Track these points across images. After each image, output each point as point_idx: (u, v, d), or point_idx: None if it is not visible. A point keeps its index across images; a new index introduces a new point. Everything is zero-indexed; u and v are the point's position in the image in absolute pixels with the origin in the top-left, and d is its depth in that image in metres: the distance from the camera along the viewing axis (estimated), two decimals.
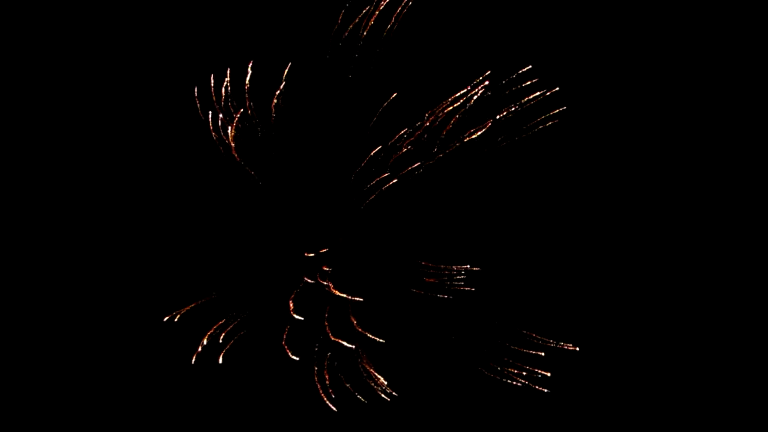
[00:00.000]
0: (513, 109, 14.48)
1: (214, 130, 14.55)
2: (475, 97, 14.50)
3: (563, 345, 14.65)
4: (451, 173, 15.03)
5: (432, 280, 14.91)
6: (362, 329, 14.58)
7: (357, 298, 14.64)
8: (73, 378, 14.74)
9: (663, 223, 15.40)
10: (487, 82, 14.31)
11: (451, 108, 14.54)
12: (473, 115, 14.74)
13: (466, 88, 14.44)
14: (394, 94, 14.50)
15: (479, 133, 14.53)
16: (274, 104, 14.62)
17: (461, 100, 14.53)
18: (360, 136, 14.90)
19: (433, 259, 15.04)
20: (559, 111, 14.59)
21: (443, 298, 14.91)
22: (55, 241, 14.80)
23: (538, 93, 14.46)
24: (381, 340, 14.34)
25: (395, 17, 14.62)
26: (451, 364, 15.16)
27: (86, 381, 14.75)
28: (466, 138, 14.65)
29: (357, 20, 14.60)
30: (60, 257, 14.78)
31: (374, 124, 14.80)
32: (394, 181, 14.60)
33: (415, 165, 14.64)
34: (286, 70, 14.32)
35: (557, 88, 14.45)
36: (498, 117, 14.52)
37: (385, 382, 14.63)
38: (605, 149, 15.33)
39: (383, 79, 14.75)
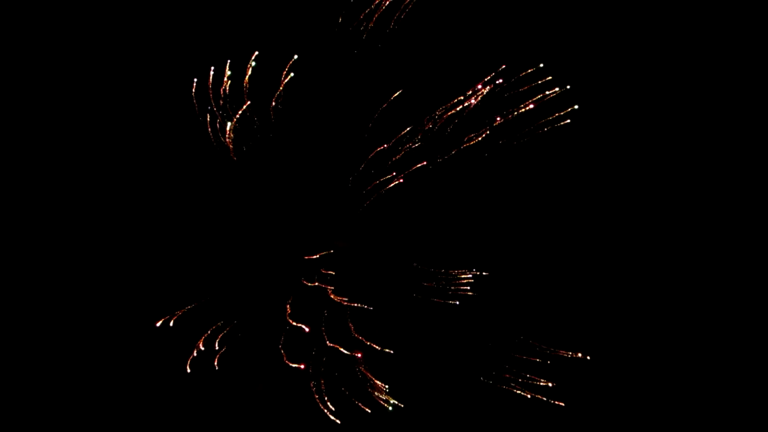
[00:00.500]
0: (522, 110, 14.03)
1: (211, 131, 14.44)
2: (479, 98, 14.07)
3: (569, 354, 14.18)
4: (455, 175, 14.65)
5: (431, 284, 14.58)
6: (360, 335, 14.34)
7: (356, 304, 14.42)
8: (62, 384, 14.74)
9: (673, 232, 14.81)
10: (498, 81, 13.92)
11: (454, 111, 14.15)
12: (480, 115, 14.33)
13: (471, 89, 14.05)
14: (398, 92, 14.15)
15: (480, 138, 14.13)
16: (272, 106, 14.42)
17: (467, 101, 14.13)
18: (361, 138, 14.60)
19: (436, 264, 14.71)
20: (570, 110, 14.07)
21: (443, 303, 14.56)
22: (47, 244, 14.83)
23: (548, 92, 14.01)
24: (386, 350, 14.11)
25: (395, 19, 14.28)
26: (454, 371, 14.82)
27: (77, 386, 14.74)
28: (472, 140, 14.25)
29: (356, 24, 14.33)
30: (52, 261, 14.81)
31: (375, 126, 14.48)
32: (397, 182, 14.30)
33: (417, 166, 14.30)
34: (285, 72, 14.13)
35: (567, 86, 13.95)
36: (497, 120, 14.08)
37: (385, 387, 14.36)
38: (615, 154, 14.75)
39: (382, 81, 14.39)
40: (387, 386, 14.42)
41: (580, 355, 14.26)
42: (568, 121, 14.24)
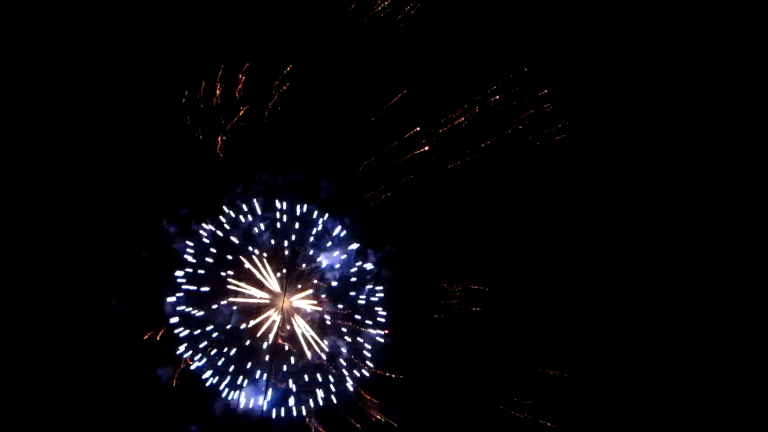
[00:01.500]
0: (518, 127, 14.02)
1: (203, 140, 14.29)
2: (473, 114, 14.02)
3: (557, 373, 14.16)
4: (448, 188, 14.59)
5: (424, 298, 14.49)
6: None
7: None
8: (48, 392, 14.49)
9: (664, 257, 14.85)
10: (494, 98, 13.92)
11: (450, 125, 14.10)
12: (476, 129, 14.30)
13: (466, 105, 14.02)
14: (388, 103, 14.04)
15: (474, 155, 14.10)
16: (265, 116, 14.31)
17: (462, 117, 14.09)
18: (354, 148, 14.51)
19: (430, 278, 14.62)
20: (563, 126, 14.06)
21: (436, 317, 14.47)
22: (31, 252, 14.56)
23: (547, 105, 14.03)
24: (376, 370, 14.02)
25: (394, 23, 14.20)
26: (445, 388, 14.72)
27: (63, 395, 14.48)
28: (468, 156, 14.22)
29: (350, 33, 14.25)
30: (37, 268, 14.54)
31: (367, 137, 14.40)
32: (386, 195, 14.24)
33: (408, 177, 14.24)
34: (278, 82, 14.03)
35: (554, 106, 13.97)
36: (493, 137, 14.06)
37: (375, 403, 14.24)
38: (607, 173, 14.75)
39: (376, 94, 14.29)
40: (377, 401, 14.32)
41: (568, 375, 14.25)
42: (564, 135, 14.21)
